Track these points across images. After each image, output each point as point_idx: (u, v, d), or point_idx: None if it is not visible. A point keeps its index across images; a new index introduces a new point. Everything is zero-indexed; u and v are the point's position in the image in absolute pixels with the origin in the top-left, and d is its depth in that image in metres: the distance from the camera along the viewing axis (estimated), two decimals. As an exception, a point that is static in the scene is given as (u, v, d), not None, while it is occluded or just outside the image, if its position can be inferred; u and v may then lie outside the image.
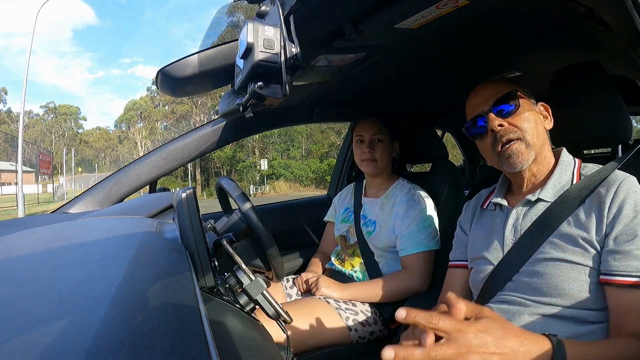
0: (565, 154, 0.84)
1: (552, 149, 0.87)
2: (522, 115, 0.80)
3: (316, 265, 1.53)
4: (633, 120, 1.12)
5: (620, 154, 0.96)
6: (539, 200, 0.80)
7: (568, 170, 0.81)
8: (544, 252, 0.75)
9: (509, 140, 0.79)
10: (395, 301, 1.28)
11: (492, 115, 0.81)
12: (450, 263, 1.00)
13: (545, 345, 0.56)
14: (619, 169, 0.77)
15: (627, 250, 0.67)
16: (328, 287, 1.27)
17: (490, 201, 0.92)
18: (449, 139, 2.85)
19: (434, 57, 1.20)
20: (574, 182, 0.78)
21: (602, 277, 0.69)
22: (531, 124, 0.80)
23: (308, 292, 1.33)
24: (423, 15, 0.79)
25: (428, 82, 1.49)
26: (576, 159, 0.83)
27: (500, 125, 0.80)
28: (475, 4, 0.77)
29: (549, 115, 0.86)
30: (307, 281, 1.35)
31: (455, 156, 6.15)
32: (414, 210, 1.33)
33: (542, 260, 0.74)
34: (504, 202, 0.86)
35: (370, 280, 1.33)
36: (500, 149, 0.80)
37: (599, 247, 0.70)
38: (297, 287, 1.39)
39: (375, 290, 1.27)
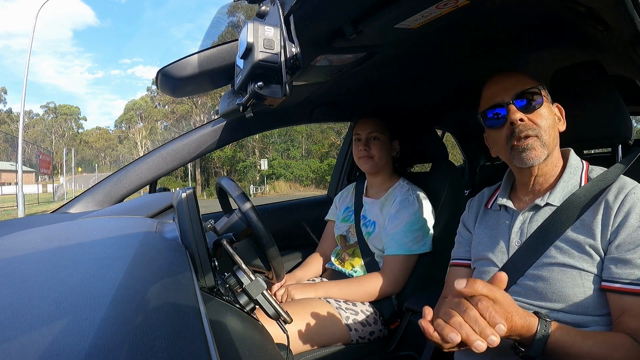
0: (573, 157, 0.83)
1: None
2: (542, 114, 0.78)
3: (310, 265, 1.54)
4: (633, 120, 1.12)
5: (620, 154, 0.96)
6: (547, 204, 0.79)
7: (576, 173, 0.80)
8: (550, 256, 0.74)
9: (527, 136, 0.77)
10: (370, 301, 1.29)
11: (513, 107, 0.78)
12: (452, 261, 0.99)
13: (534, 325, 0.64)
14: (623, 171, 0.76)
15: (629, 259, 0.67)
16: (301, 292, 1.26)
17: (494, 201, 0.91)
18: (449, 139, 2.85)
19: (433, 57, 1.20)
20: (582, 185, 0.77)
21: (603, 283, 0.69)
22: (549, 123, 0.78)
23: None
24: (423, 15, 0.79)
25: (428, 82, 1.49)
26: (584, 162, 0.82)
27: (522, 119, 0.77)
28: (475, 4, 0.77)
29: (563, 117, 0.84)
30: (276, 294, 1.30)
31: (455, 156, 6.15)
32: (405, 212, 1.33)
33: (548, 265, 0.74)
34: (510, 204, 0.85)
35: (343, 280, 1.34)
36: (515, 142, 0.78)
37: (602, 254, 0.70)
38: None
39: (347, 290, 1.28)
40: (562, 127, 0.83)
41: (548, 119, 0.78)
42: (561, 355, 0.64)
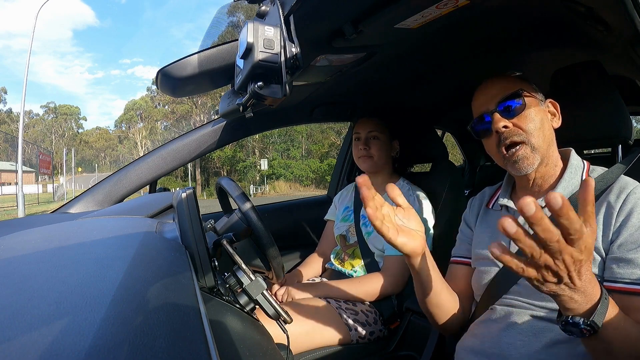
0: (574, 157, 0.83)
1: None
2: (527, 116, 0.79)
3: (310, 265, 1.54)
4: (633, 120, 1.12)
5: (620, 154, 0.96)
6: None
7: (577, 174, 0.80)
8: None
9: (513, 143, 0.78)
10: (370, 301, 1.29)
11: (497, 115, 0.80)
12: (452, 259, 0.99)
13: (598, 288, 0.56)
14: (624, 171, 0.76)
15: (631, 258, 0.67)
16: (301, 292, 1.27)
17: (496, 201, 0.91)
18: (449, 139, 2.85)
19: (433, 57, 1.20)
20: None
21: (605, 283, 0.69)
22: (537, 124, 0.78)
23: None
24: (423, 15, 0.79)
25: (428, 82, 1.49)
26: (585, 162, 0.82)
27: (505, 126, 0.78)
28: (475, 4, 0.77)
29: (558, 112, 0.84)
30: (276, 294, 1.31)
31: (455, 156, 6.15)
32: None
33: None
34: (511, 205, 0.85)
35: (344, 280, 1.34)
36: (505, 152, 0.79)
37: (604, 254, 0.70)
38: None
39: (348, 290, 1.28)
40: (557, 123, 0.84)
41: (535, 121, 0.79)
42: (612, 331, 0.58)
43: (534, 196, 0.83)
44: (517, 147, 0.78)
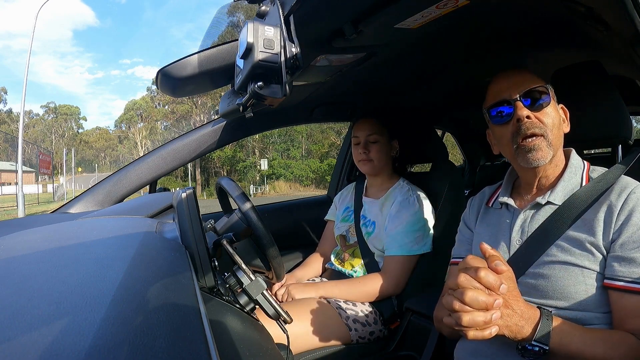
0: (574, 157, 0.83)
1: None
2: (549, 113, 0.78)
3: (310, 265, 1.54)
4: (633, 120, 1.12)
5: (620, 154, 0.96)
6: (548, 203, 0.79)
7: (577, 173, 0.80)
8: (551, 254, 0.74)
9: (533, 135, 0.77)
10: (370, 301, 1.29)
11: (520, 104, 0.78)
12: (452, 260, 0.99)
13: (535, 312, 0.67)
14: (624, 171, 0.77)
15: (633, 257, 0.67)
16: (301, 292, 1.27)
17: (496, 200, 0.91)
18: (449, 139, 2.85)
19: (433, 57, 1.20)
20: (583, 185, 0.78)
21: (606, 281, 0.70)
22: (555, 122, 0.79)
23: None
24: (423, 15, 0.79)
25: (428, 82, 1.49)
26: (585, 162, 0.83)
27: (528, 117, 0.77)
28: (475, 4, 0.77)
29: (567, 119, 0.84)
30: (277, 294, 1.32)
31: (455, 156, 6.15)
32: (405, 212, 1.33)
33: (549, 263, 0.74)
34: (512, 203, 0.85)
35: (344, 280, 1.34)
36: (520, 141, 0.78)
37: (605, 252, 0.71)
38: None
39: (348, 290, 1.28)
40: (567, 128, 0.84)
41: (555, 119, 0.79)
42: (565, 348, 0.65)
43: (536, 194, 0.83)
44: (535, 137, 0.77)
